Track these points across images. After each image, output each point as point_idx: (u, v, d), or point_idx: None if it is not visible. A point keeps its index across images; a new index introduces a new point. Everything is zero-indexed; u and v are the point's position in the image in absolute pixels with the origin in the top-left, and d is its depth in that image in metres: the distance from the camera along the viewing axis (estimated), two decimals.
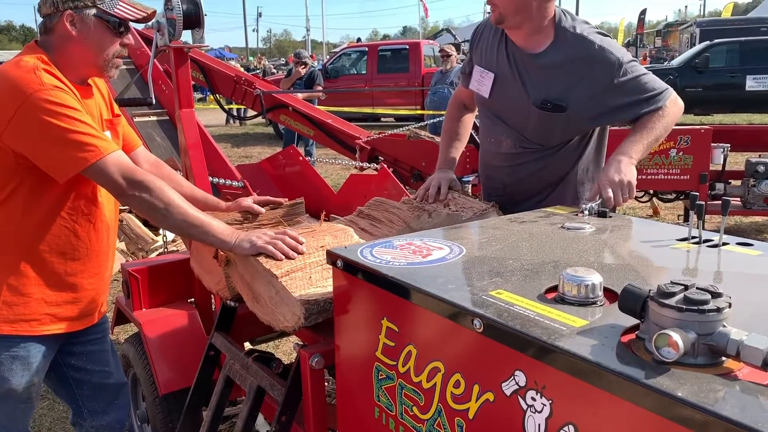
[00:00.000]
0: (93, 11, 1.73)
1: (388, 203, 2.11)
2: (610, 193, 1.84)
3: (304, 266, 1.62)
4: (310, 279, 1.59)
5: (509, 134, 2.16)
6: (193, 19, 2.35)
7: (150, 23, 2.11)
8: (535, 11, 1.99)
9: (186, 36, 2.43)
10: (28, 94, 1.58)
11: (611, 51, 1.97)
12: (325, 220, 1.96)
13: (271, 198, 2.06)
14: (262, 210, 1.99)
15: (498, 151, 2.21)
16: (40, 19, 1.77)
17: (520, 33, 2.05)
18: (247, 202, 2.01)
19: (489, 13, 2.11)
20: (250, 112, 6.04)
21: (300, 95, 6.79)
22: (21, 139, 1.61)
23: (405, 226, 1.97)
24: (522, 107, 2.08)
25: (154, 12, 1.89)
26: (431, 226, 1.99)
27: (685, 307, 0.85)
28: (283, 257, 1.64)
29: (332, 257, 1.41)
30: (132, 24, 1.82)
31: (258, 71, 17.33)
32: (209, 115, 13.95)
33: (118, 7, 1.75)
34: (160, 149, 4.12)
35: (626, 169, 1.89)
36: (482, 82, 2.18)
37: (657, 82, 2.03)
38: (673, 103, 2.02)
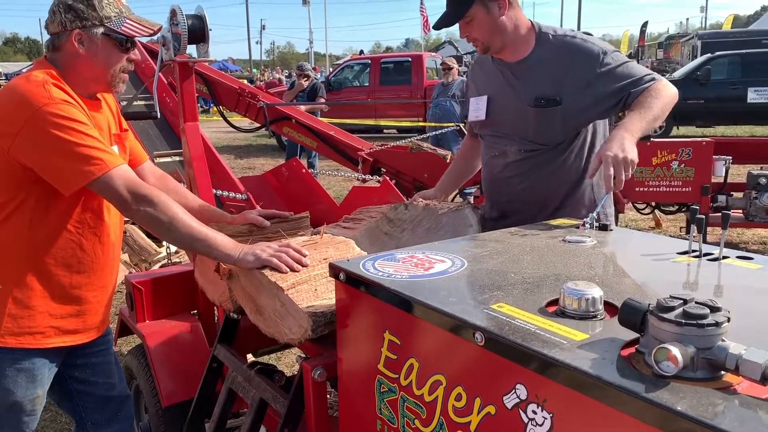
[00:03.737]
0: (101, 30, 1.75)
1: (372, 208, 2.16)
2: (612, 171, 1.81)
3: (309, 278, 1.63)
4: (315, 291, 1.60)
5: (513, 143, 2.21)
6: (198, 34, 2.39)
7: (156, 37, 2.14)
8: (509, 24, 2.11)
9: (190, 49, 2.46)
10: (37, 108, 1.61)
11: (592, 43, 2.11)
12: (326, 233, 1.97)
13: (277, 211, 2.08)
14: (268, 223, 2.00)
15: (505, 162, 2.24)
16: (47, 36, 1.80)
17: (507, 50, 2.17)
18: (253, 214, 2.02)
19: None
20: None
21: (303, 107, 6.83)
22: (28, 151, 1.63)
23: (383, 216, 2.01)
24: (519, 112, 2.16)
25: (160, 28, 1.92)
26: (408, 217, 2.05)
27: (684, 321, 0.86)
28: (288, 270, 1.65)
29: (335, 270, 1.42)
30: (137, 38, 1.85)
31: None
32: (212, 127, 14.02)
33: (125, 25, 1.77)
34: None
35: (629, 146, 1.87)
36: (478, 108, 2.29)
37: (643, 68, 2.12)
38: (665, 86, 2.05)
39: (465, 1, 2.06)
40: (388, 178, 3.94)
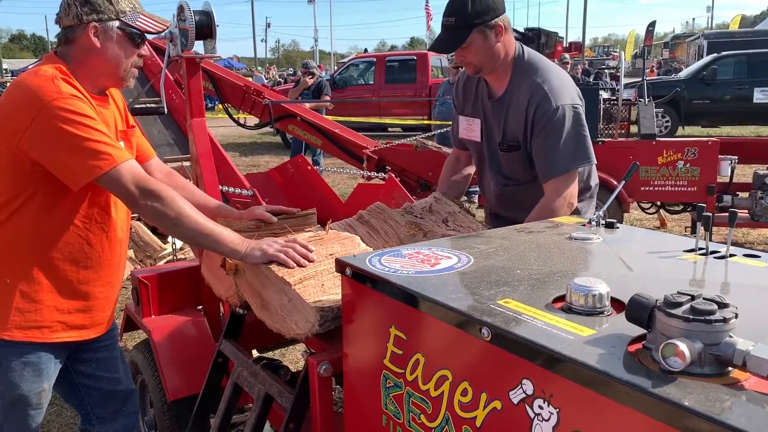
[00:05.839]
0: (116, 24, 1.77)
1: (388, 212, 2.13)
2: None
3: (315, 274, 1.64)
4: (322, 286, 1.60)
5: (492, 177, 2.33)
6: (206, 30, 2.39)
7: (163, 34, 2.15)
8: (503, 50, 2.14)
9: (197, 46, 2.47)
10: (46, 102, 1.61)
11: (550, 93, 2.07)
12: (331, 228, 1.98)
13: (284, 207, 2.09)
14: (275, 219, 2.01)
15: (492, 193, 2.37)
16: (57, 30, 1.80)
17: (494, 75, 2.21)
18: (260, 210, 2.03)
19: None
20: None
21: (307, 105, 6.82)
22: (37, 146, 1.64)
23: (399, 243, 1.99)
24: (495, 148, 2.27)
25: (169, 25, 1.94)
26: None
27: (691, 317, 0.85)
28: (295, 265, 1.66)
29: (341, 266, 1.42)
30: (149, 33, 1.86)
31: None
32: (217, 125, 14.04)
33: (139, 20, 1.80)
34: None
35: None
36: (471, 129, 2.35)
37: (570, 154, 2.09)
38: (562, 197, 2.08)
39: (464, 29, 2.08)
40: (393, 175, 3.94)
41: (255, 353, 2.57)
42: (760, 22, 35.77)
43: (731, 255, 1.39)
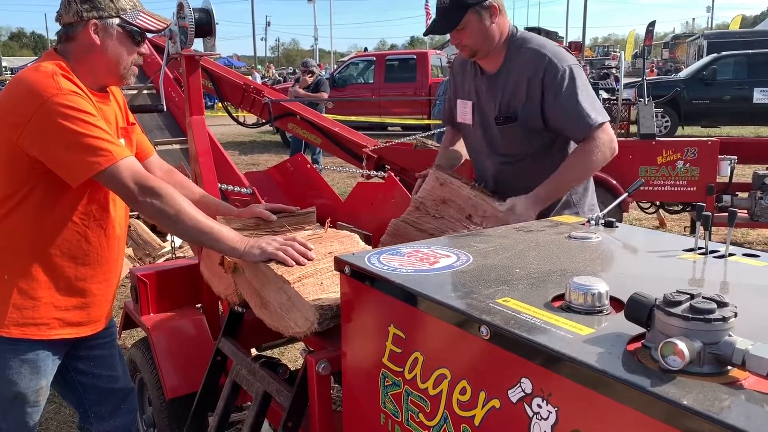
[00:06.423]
0: (116, 21, 1.77)
1: (404, 232, 2.12)
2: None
3: (314, 272, 1.64)
4: (321, 285, 1.60)
5: (489, 157, 2.31)
6: (205, 28, 2.38)
7: (163, 31, 2.15)
8: (497, 32, 2.14)
9: (197, 44, 2.46)
10: (45, 98, 1.61)
11: (558, 60, 2.09)
12: (330, 227, 1.98)
13: (283, 206, 2.09)
14: (275, 217, 2.01)
15: (490, 174, 2.33)
16: (57, 27, 1.80)
17: (489, 57, 2.21)
18: (260, 208, 2.03)
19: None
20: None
21: (302, 91, 6.78)
22: (37, 142, 1.64)
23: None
24: (490, 126, 2.25)
25: (169, 23, 1.94)
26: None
27: (691, 316, 0.85)
28: (294, 263, 1.65)
29: (340, 264, 1.42)
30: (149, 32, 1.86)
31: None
32: (216, 123, 14.04)
33: (139, 18, 1.80)
34: None
35: (526, 212, 2.01)
36: (465, 113, 2.35)
37: (589, 107, 2.08)
38: (602, 143, 2.07)
39: (459, 10, 2.08)
40: (392, 174, 3.93)
41: (254, 351, 2.57)
42: (760, 22, 35.82)
43: (730, 254, 1.39)
